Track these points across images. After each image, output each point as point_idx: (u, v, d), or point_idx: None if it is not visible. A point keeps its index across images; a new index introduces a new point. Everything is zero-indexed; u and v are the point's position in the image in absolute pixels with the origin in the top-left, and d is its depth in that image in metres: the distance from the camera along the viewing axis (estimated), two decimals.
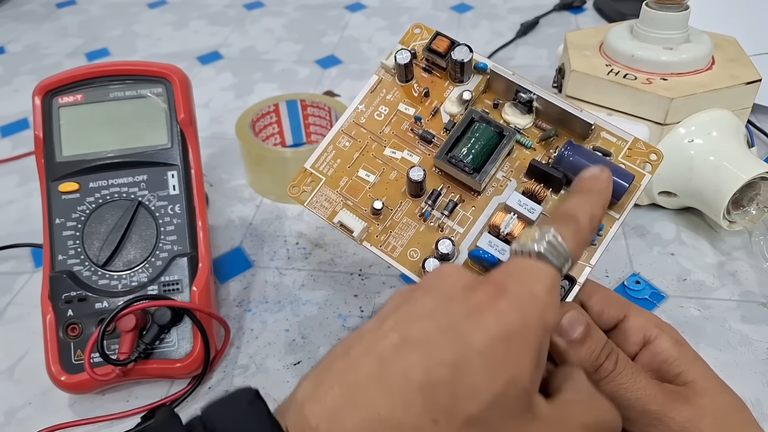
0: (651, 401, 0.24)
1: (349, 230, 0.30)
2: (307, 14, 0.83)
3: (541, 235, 0.23)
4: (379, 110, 0.33)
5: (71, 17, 0.86)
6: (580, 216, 0.24)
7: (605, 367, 0.25)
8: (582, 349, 0.25)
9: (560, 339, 0.25)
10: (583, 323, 0.25)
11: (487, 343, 0.20)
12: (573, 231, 0.23)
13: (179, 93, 0.39)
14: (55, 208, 0.37)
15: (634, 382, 0.24)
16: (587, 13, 0.78)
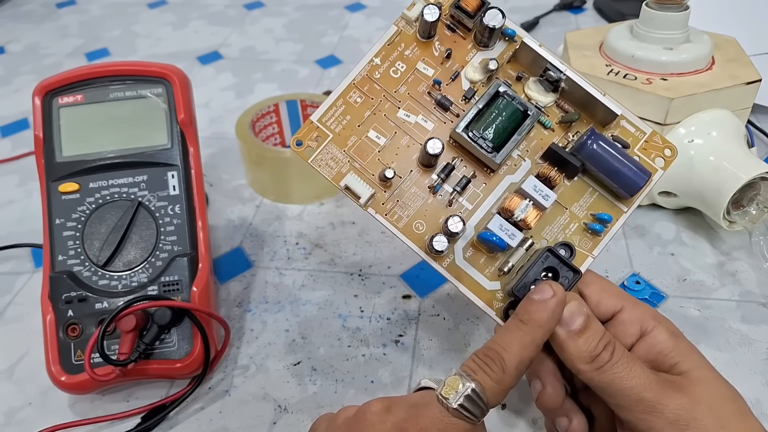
0: (646, 389, 0.24)
1: (355, 195, 0.29)
2: (307, 14, 0.83)
3: (463, 388, 0.24)
4: (395, 66, 0.31)
5: (71, 17, 0.86)
6: (509, 359, 0.25)
7: (602, 357, 0.25)
8: (580, 340, 0.26)
9: (561, 329, 0.26)
10: (582, 315, 0.26)
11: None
12: (497, 381, 0.25)
13: (179, 93, 0.39)
14: (55, 208, 0.37)
15: (629, 371, 0.25)
16: (587, 13, 0.78)
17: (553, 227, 0.30)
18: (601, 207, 0.30)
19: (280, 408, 0.35)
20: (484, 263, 0.29)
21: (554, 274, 0.28)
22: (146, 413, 0.35)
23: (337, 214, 0.48)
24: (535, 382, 0.28)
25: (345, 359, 0.37)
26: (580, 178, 0.30)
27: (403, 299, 0.41)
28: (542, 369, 0.28)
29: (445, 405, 0.24)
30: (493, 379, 0.25)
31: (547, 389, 0.27)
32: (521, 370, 0.25)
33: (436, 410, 0.24)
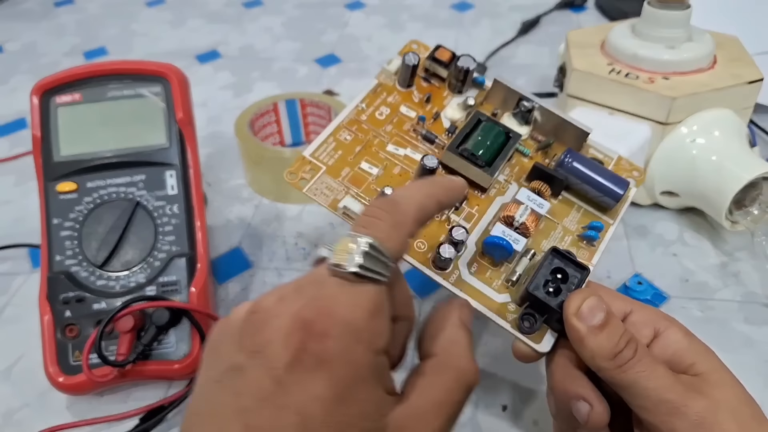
0: (669, 390, 0.24)
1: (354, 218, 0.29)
2: (307, 12, 0.82)
3: (356, 247, 0.21)
4: (380, 110, 0.33)
5: (69, 16, 0.85)
6: (405, 202, 0.23)
7: (624, 354, 0.24)
8: (601, 336, 0.25)
9: (580, 324, 0.25)
10: (603, 310, 0.25)
11: (327, 409, 0.19)
12: (393, 225, 0.22)
13: (177, 92, 0.39)
14: (53, 208, 0.37)
15: (653, 371, 0.24)
16: (589, 11, 0.78)
17: (549, 241, 0.30)
18: (590, 219, 0.31)
19: None
20: (490, 276, 0.29)
21: (563, 275, 0.27)
22: (145, 414, 0.34)
23: None
24: (579, 404, 0.25)
25: None
26: (565, 196, 0.32)
27: None
28: (582, 388, 0.26)
29: (342, 275, 0.21)
30: (388, 224, 0.22)
31: (596, 408, 0.25)
32: (421, 216, 0.23)
33: (334, 285, 0.21)
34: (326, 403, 0.19)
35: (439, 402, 0.22)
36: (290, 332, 0.20)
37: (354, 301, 0.20)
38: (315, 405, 0.19)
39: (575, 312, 0.25)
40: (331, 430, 0.19)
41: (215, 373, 0.21)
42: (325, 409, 0.19)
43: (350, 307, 0.20)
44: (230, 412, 0.20)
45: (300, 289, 0.21)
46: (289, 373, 0.19)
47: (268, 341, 0.20)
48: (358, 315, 0.20)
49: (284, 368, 0.19)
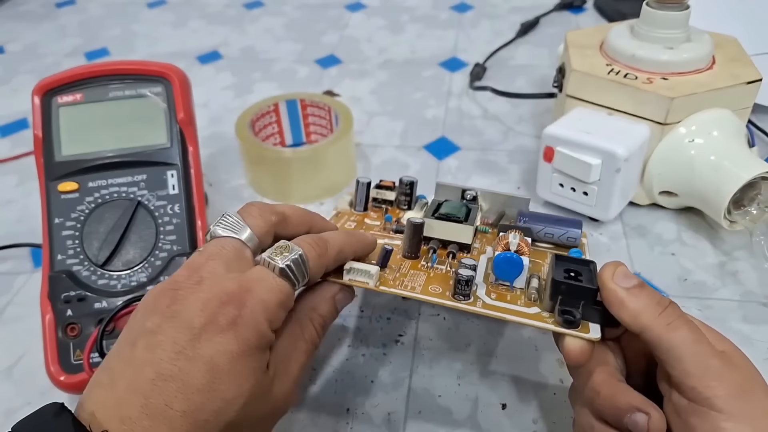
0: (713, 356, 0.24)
1: (363, 281, 0.30)
2: (307, 13, 0.83)
3: (290, 254, 0.26)
4: (348, 223, 0.37)
5: (70, 17, 0.86)
6: (332, 246, 0.29)
7: (670, 311, 0.25)
8: (642, 295, 0.25)
9: (618, 287, 0.26)
10: (635, 277, 0.26)
11: (232, 362, 0.23)
12: (319, 256, 0.28)
13: (178, 92, 0.39)
14: (55, 207, 0.37)
15: (699, 334, 0.24)
16: (588, 12, 0.78)
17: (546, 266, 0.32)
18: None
19: None
20: (512, 299, 0.30)
21: (575, 273, 0.28)
22: None
23: None
24: (637, 416, 0.25)
25: (345, 359, 0.37)
26: (538, 247, 0.34)
27: (404, 299, 0.41)
28: (634, 399, 0.26)
29: (272, 266, 0.26)
30: (316, 253, 0.27)
31: (654, 415, 0.25)
32: (339, 258, 0.29)
33: (260, 271, 0.26)
34: (232, 356, 0.23)
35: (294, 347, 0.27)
36: (209, 299, 0.24)
37: (273, 288, 0.25)
38: (222, 357, 0.23)
39: (611, 277, 0.26)
40: (233, 377, 0.23)
41: (131, 336, 0.24)
42: (230, 361, 0.23)
43: (268, 292, 0.25)
44: (143, 363, 0.23)
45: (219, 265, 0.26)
46: (203, 331, 0.23)
47: (185, 307, 0.24)
48: (272, 299, 0.25)
49: (199, 327, 0.23)
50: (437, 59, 0.70)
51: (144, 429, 0.22)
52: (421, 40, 0.74)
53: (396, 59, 0.70)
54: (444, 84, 0.65)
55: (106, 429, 0.22)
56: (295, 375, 0.27)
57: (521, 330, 0.38)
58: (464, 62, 0.68)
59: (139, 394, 0.23)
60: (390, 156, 0.55)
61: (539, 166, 0.45)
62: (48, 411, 0.23)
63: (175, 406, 0.22)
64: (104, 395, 0.23)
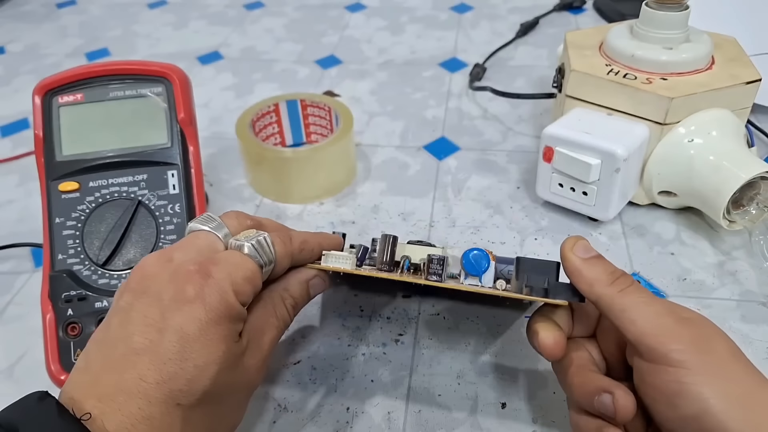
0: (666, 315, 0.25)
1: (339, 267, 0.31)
2: (307, 14, 0.83)
3: (255, 235, 0.28)
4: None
5: (71, 17, 0.86)
6: (296, 237, 0.31)
7: (622, 280, 0.26)
8: (598, 265, 0.27)
9: (575, 256, 0.28)
10: (594, 251, 0.28)
11: (202, 329, 0.24)
12: (283, 242, 0.29)
13: (179, 92, 0.39)
14: (55, 207, 0.37)
15: (650, 297, 0.26)
16: (587, 13, 0.78)
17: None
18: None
19: (280, 407, 0.35)
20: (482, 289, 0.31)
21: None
22: None
23: (337, 213, 0.48)
24: (603, 397, 0.26)
25: (345, 358, 0.37)
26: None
27: (403, 298, 0.41)
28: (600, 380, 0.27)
29: (238, 245, 0.27)
30: (281, 239, 0.29)
31: (618, 393, 0.26)
32: (305, 251, 0.31)
33: (228, 252, 0.28)
34: (201, 323, 0.24)
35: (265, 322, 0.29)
36: (176, 273, 0.25)
37: (239, 264, 0.27)
38: (192, 325, 0.24)
39: (571, 248, 0.28)
40: (203, 344, 0.24)
41: (106, 319, 0.26)
42: (199, 329, 0.24)
43: (234, 267, 0.26)
44: (115, 340, 0.24)
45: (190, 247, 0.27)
46: (172, 302, 0.25)
47: (154, 282, 0.25)
48: (239, 274, 0.26)
49: (168, 299, 0.25)
50: (437, 60, 0.70)
51: (120, 405, 0.23)
52: (420, 40, 0.74)
53: (396, 60, 0.70)
54: (444, 84, 0.65)
55: (88, 411, 0.22)
56: (267, 349, 0.28)
57: (521, 329, 0.38)
58: (464, 62, 0.69)
59: (113, 371, 0.24)
60: (390, 156, 0.55)
61: (539, 166, 0.45)
62: (32, 397, 0.23)
63: (148, 379, 0.23)
64: (81, 378, 0.24)
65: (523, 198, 0.49)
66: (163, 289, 0.25)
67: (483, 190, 0.50)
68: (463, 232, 0.46)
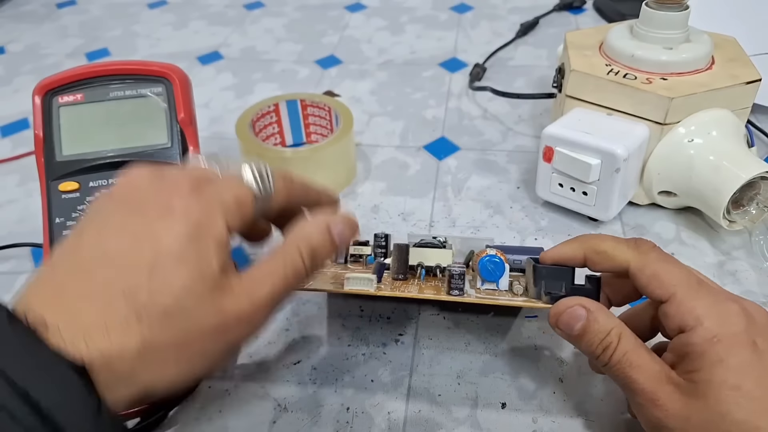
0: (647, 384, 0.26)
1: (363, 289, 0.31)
2: (307, 14, 0.83)
3: (256, 164, 0.28)
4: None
5: (71, 17, 0.86)
6: (297, 180, 0.30)
7: (601, 359, 0.27)
8: (582, 343, 0.28)
9: (561, 332, 0.29)
10: (581, 320, 0.28)
11: (179, 244, 0.23)
12: (284, 180, 0.29)
13: (179, 92, 0.39)
14: (55, 207, 0.37)
15: (631, 368, 0.26)
16: (587, 13, 0.78)
17: None
18: None
19: (280, 407, 0.35)
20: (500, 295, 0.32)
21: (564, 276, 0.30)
22: (146, 412, 0.35)
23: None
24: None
25: (345, 358, 0.37)
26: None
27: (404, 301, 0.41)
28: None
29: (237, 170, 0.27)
30: (283, 175, 0.29)
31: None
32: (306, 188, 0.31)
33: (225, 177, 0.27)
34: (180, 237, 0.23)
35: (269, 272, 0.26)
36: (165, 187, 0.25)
37: (231, 185, 0.26)
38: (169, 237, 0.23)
39: (555, 324, 0.29)
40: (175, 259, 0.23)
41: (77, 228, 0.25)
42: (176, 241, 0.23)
43: (227, 189, 0.26)
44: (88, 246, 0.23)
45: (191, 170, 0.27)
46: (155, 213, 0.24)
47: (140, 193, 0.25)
48: (229, 194, 0.26)
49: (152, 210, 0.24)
50: (437, 60, 0.70)
51: (79, 310, 0.21)
52: (420, 40, 0.74)
53: (396, 60, 0.70)
54: (444, 84, 0.65)
55: (44, 320, 0.21)
56: (260, 298, 0.25)
57: (521, 329, 0.38)
58: (464, 63, 0.69)
59: (79, 275, 0.22)
60: (390, 156, 0.55)
61: (539, 166, 0.45)
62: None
63: (115, 286, 0.22)
64: (42, 284, 0.23)
65: (523, 198, 0.49)
66: (148, 199, 0.24)
67: (483, 190, 0.50)
68: (463, 232, 0.46)
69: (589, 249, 0.30)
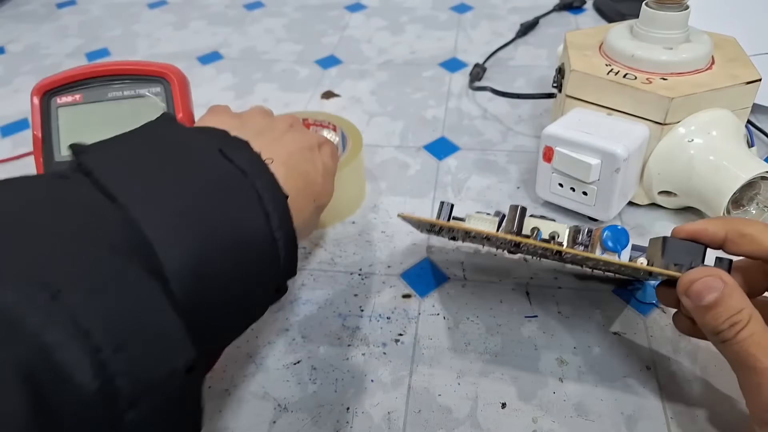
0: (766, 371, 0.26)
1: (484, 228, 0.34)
2: (307, 14, 0.83)
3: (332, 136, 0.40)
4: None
5: (71, 17, 0.86)
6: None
7: (723, 334, 0.27)
8: (708, 315, 0.27)
9: (690, 302, 0.28)
10: (716, 291, 0.27)
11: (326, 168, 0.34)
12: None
13: (177, 92, 0.39)
14: None
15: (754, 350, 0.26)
16: (587, 13, 0.78)
17: None
18: None
19: (280, 407, 0.35)
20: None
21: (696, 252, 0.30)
22: None
23: None
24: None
25: (345, 358, 0.37)
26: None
27: (403, 298, 0.41)
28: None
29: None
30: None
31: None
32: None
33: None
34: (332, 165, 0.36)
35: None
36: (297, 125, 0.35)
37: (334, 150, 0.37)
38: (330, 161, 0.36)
39: (684, 291, 0.28)
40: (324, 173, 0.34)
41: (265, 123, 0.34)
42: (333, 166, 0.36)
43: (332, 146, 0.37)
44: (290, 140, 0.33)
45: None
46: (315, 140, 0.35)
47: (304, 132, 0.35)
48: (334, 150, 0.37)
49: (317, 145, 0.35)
50: (437, 60, 0.70)
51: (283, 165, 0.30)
52: (420, 40, 0.74)
53: (396, 60, 0.70)
54: (444, 84, 0.65)
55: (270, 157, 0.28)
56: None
57: (521, 329, 0.38)
58: (464, 63, 0.69)
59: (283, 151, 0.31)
60: (390, 156, 0.55)
61: (539, 166, 0.45)
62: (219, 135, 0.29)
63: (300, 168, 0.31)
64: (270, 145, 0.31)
65: (523, 198, 0.49)
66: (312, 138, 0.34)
67: (483, 190, 0.50)
68: None
69: (733, 230, 0.30)
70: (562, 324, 0.38)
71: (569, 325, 0.38)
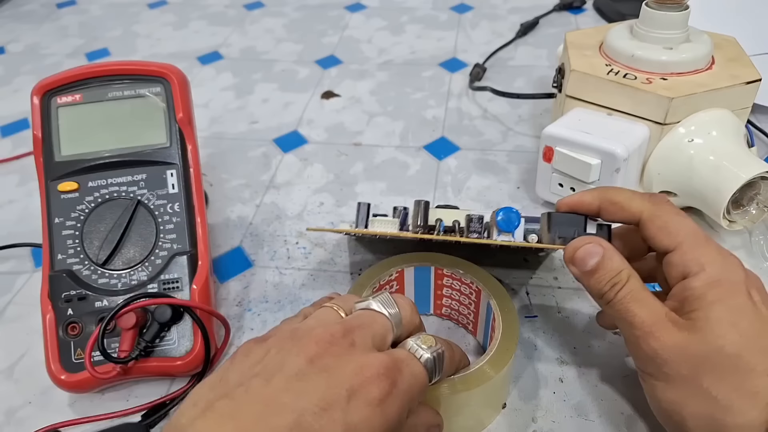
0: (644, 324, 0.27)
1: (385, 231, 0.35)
2: (307, 14, 0.83)
3: (436, 348, 0.27)
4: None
5: (71, 17, 0.86)
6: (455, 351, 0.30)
7: (607, 295, 0.29)
8: (591, 279, 0.29)
9: (575, 269, 0.30)
10: (597, 256, 0.29)
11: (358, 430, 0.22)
12: (450, 357, 0.28)
13: (177, 92, 0.39)
14: (55, 207, 0.37)
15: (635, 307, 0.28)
16: (587, 13, 0.78)
17: None
18: None
19: None
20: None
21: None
22: (146, 411, 0.35)
23: (338, 213, 0.48)
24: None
25: None
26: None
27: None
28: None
29: (419, 353, 0.26)
30: (448, 354, 0.28)
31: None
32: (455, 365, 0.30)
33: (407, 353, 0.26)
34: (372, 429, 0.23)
35: None
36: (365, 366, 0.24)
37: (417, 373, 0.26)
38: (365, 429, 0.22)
39: (570, 259, 0.30)
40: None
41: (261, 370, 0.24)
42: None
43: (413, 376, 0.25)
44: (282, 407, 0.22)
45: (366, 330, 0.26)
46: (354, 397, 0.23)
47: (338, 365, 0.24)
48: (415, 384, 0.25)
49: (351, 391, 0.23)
50: (437, 60, 0.70)
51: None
52: (420, 40, 0.74)
53: (396, 60, 0.70)
54: (444, 84, 0.65)
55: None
56: None
57: (521, 329, 0.38)
58: (464, 63, 0.69)
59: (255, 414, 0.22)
60: (390, 156, 0.55)
61: (539, 166, 0.45)
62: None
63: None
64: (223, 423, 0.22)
65: (523, 198, 0.49)
66: (348, 378, 0.23)
67: (483, 190, 0.50)
68: None
69: (604, 199, 0.31)
70: (562, 324, 0.38)
71: (569, 325, 0.38)
